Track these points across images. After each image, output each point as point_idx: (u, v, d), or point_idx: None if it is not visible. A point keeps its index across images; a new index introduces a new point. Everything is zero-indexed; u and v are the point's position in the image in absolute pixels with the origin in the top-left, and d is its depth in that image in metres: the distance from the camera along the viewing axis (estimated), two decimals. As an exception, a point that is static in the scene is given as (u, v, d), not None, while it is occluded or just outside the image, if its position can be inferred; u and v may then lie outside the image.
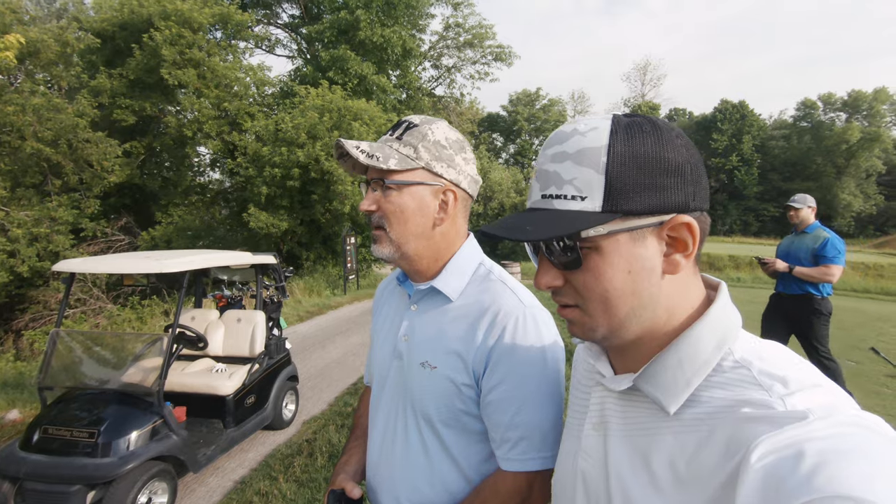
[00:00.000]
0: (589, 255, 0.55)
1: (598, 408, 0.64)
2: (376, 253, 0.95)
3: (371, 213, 0.94)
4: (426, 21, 21.70)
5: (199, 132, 14.85)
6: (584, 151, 0.53)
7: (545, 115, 42.20)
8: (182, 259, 3.20)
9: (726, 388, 0.51)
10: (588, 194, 0.53)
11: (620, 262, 0.54)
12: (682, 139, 0.54)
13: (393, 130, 0.96)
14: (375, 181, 0.93)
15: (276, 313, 4.56)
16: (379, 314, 1.14)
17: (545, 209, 0.56)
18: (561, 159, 0.55)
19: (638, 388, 0.57)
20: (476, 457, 0.95)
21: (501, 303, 0.91)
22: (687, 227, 0.53)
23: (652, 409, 0.56)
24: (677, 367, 0.53)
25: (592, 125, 0.55)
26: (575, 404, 0.72)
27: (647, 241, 0.54)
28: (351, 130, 13.64)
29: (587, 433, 0.64)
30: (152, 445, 2.84)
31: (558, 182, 0.55)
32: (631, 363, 0.60)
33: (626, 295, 0.54)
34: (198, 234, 15.49)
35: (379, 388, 1.05)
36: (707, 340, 0.54)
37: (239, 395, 3.64)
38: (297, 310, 9.79)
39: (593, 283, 0.55)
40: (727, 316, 0.56)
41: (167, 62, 13.57)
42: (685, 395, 0.53)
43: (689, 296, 0.57)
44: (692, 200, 0.53)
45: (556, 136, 0.57)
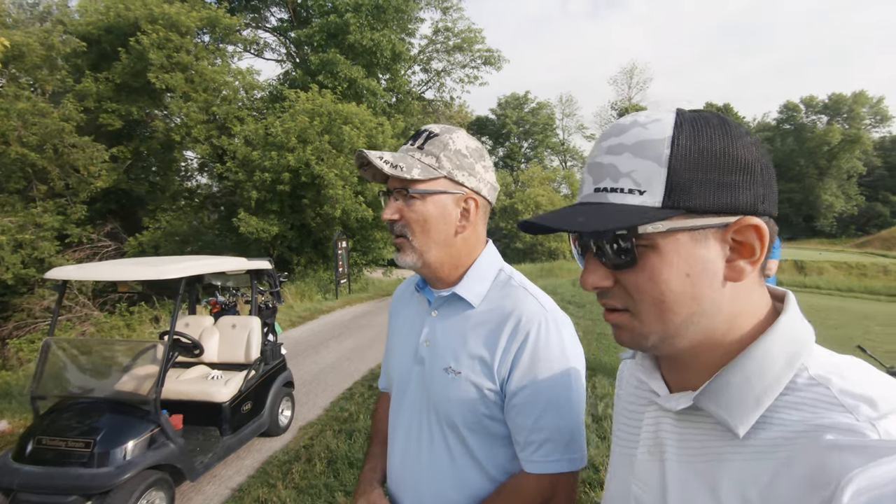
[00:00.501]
0: (644, 254, 0.50)
1: (653, 430, 0.58)
2: (399, 261, 0.96)
3: (393, 221, 0.95)
4: (415, 25, 21.77)
5: (188, 136, 14.71)
6: (644, 143, 0.49)
7: (534, 119, 42.45)
8: (179, 265, 3.18)
9: (802, 410, 0.46)
10: (647, 188, 0.49)
11: (679, 263, 0.49)
12: (751, 137, 0.50)
13: (413, 140, 0.97)
14: (398, 190, 0.94)
15: (271, 319, 4.53)
16: (397, 318, 1.15)
17: (598, 203, 0.52)
18: (618, 151, 0.51)
19: (699, 408, 0.52)
20: (501, 460, 0.96)
21: (524, 308, 0.93)
22: (755, 230, 0.48)
23: (716, 431, 0.51)
24: (744, 384, 0.48)
25: (654, 117, 0.51)
26: (623, 425, 0.67)
27: (710, 243, 0.49)
28: (341, 134, 13.62)
29: (641, 458, 0.59)
30: (149, 454, 2.81)
31: (614, 174, 0.51)
32: (687, 379, 0.55)
33: (685, 299, 0.49)
34: (186, 240, 15.32)
35: (400, 394, 1.06)
36: (777, 354, 0.49)
37: (235, 402, 3.61)
38: (289, 315, 9.72)
39: (648, 285, 0.50)
40: (798, 327, 0.51)
41: (154, 66, 13.44)
42: (755, 415, 0.47)
43: (753, 306, 0.52)
44: (761, 203, 0.49)
45: (613, 128, 0.53)
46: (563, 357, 0.91)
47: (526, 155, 43.22)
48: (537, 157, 42.88)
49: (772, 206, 0.50)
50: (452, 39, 23.24)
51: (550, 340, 0.90)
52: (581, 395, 0.92)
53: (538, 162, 40.75)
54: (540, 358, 0.89)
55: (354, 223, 14.24)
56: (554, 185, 32.43)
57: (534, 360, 0.89)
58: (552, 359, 0.90)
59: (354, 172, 13.62)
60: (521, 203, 27.58)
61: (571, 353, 0.92)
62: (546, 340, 0.90)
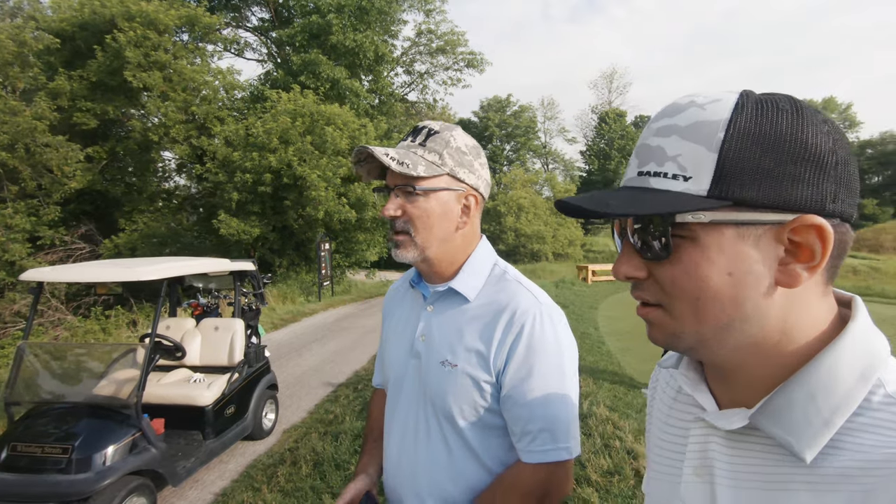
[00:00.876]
0: (682, 246, 0.45)
1: (700, 448, 0.53)
2: (399, 257, 0.97)
3: (395, 218, 0.95)
4: (398, 27, 21.74)
5: (166, 136, 14.42)
6: (698, 125, 0.44)
7: (516, 122, 42.77)
8: (161, 266, 3.13)
9: (881, 433, 0.40)
10: (694, 174, 0.44)
11: (721, 260, 0.44)
12: (829, 125, 0.43)
13: (413, 136, 0.98)
14: (400, 187, 0.95)
15: (254, 321, 4.48)
16: (392, 317, 1.16)
17: (638, 188, 0.47)
18: (668, 133, 0.46)
19: (756, 427, 0.46)
20: (497, 451, 0.98)
21: (519, 301, 0.95)
22: (817, 231, 0.41)
23: (776, 454, 0.45)
24: (809, 403, 0.43)
25: (715, 97, 0.45)
26: (663, 441, 0.61)
27: (761, 242, 0.43)
28: (324, 135, 13.54)
29: (688, 479, 0.53)
30: (130, 459, 2.75)
31: (660, 158, 0.46)
32: (738, 394, 0.50)
33: (724, 301, 0.45)
34: (164, 242, 15.01)
35: (396, 389, 1.07)
36: (848, 368, 0.43)
37: (218, 406, 3.56)
38: (271, 317, 9.61)
39: (684, 280, 0.45)
40: (871, 337, 0.45)
41: (131, 64, 13.14)
42: (825, 438, 0.42)
43: (815, 315, 0.46)
44: (831, 202, 0.42)
45: (667, 108, 0.48)
46: (558, 349, 0.93)
47: (508, 157, 43.51)
48: (519, 159, 43.22)
49: (846, 208, 0.44)
50: (435, 42, 23.27)
51: (545, 333, 0.93)
52: (574, 385, 0.95)
53: (520, 165, 41.06)
54: (535, 350, 0.91)
55: (337, 225, 14.15)
56: (536, 187, 32.72)
57: (529, 351, 0.91)
58: (547, 351, 0.92)
59: (337, 174, 13.55)
60: (503, 205, 27.74)
61: (566, 345, 0.95)
62: (541, 333, 0.92)
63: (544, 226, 27.32)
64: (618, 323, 8.52)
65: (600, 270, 16.12)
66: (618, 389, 4.75)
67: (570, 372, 0.94)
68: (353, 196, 14.04)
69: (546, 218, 27.95)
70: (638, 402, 4.47)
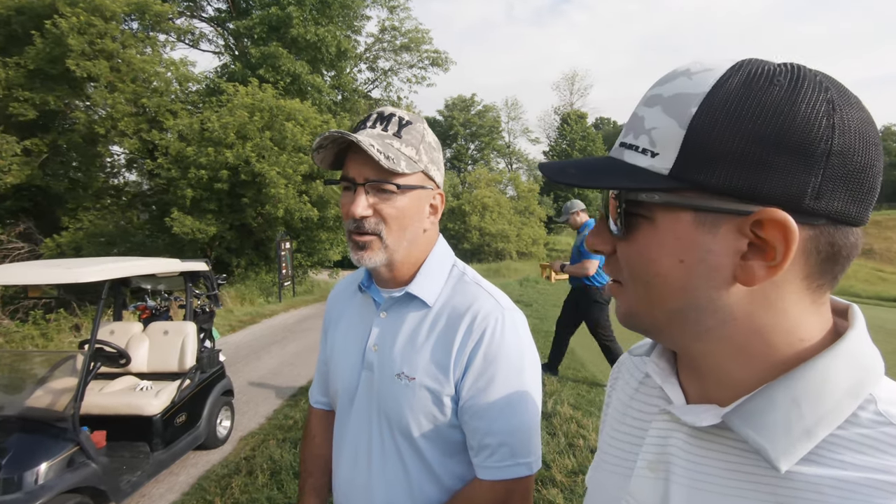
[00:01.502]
0: (640, 226, 0.43)
1: (660, 443, 0.49)
2: (365, 261, 0.87)
3: (364, 218, 0.85)
4: (362, 22, 21.44)
5: (113, 129, 13.66)
6: (678, 97, 0.40)
7: (480, 121, 43.00)
8: (101, 267, 2.91)
9: (865, 452, 0.37)
10: (661, 150, 0.41)
11: (673, 246, 0.41)
12: (837, 110, 0.37)
13: (382, 124, 0.87)
14: (373, 183, 0.84)
15: (207, 324, 4.27)
16: (338, 325, 1.05)
17: (614, 158, 0.45)
18: (653, 103, 0.43)
19: (727, 428, 0.43)
20: (458, 468, 0.91)
21: (479, 306, 0.89)
22: (779, 227, 0.37)
23: (743, 459, 0.42)
24: (791, 408, 0.39)
25: (709, 66, 0.41)
26: (618, 432, 0.58)
27: (720, 232, 0.39)
28: (284, 131, 13.17)
29: (640, 473, 0.50)
30: (67, 476, 2.54)
31: (637, 130, 0.43)
32: (708, 391, 0.47)
33: (674, 288, 0.42)
34: (112, 241, 14.23)
35: (346, 404, 0.98)
36: (839, 378, 0.39)
37: (168, 414, 3.35)
38: (228, 319, 9.26)
39: (635, 261, 0.44)
40: (867, 351, 0.41)
41: (74, 52, 12.36)
42: (804, 448, 0.38)
43: (796, 320, 0.41)
44: (812, 198, 0.37)
45: (665, 75, 0.45)
46: (520, 357, 0.88)
47: (473, 157, 43.71)
48: (484, 159, 43.49)
49: (839, 207, 0.37)
50: (399, 39, 23.06)
51: (506, 340, 0.87)
52: (537, 396, 0.89)
53: (485, 164, 41.34)
54: (495, 359, 0.85)
55: (299, 223, 13.80)
56: (500, 186, 33.01)
57: (488, 360, 0.85)
58: (509, 359, 0.86)
59: (298, 171, 13.21)
60: (468, 204, 27.83)
61: (527, 352, 0.89)
62: (501, 339, 0.86)
63: (508, 225, 27.59)
64: (580, 320, 8.67)
65: (563, 269, 16.41)
66: (581, 387, 4.80)
67: (531, 381, 0.88)
68: (314, 194, 13.71)
69: (510, 217, 28.25)
70: (601, 399, 4.53)
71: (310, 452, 1.12)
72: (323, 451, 1.09)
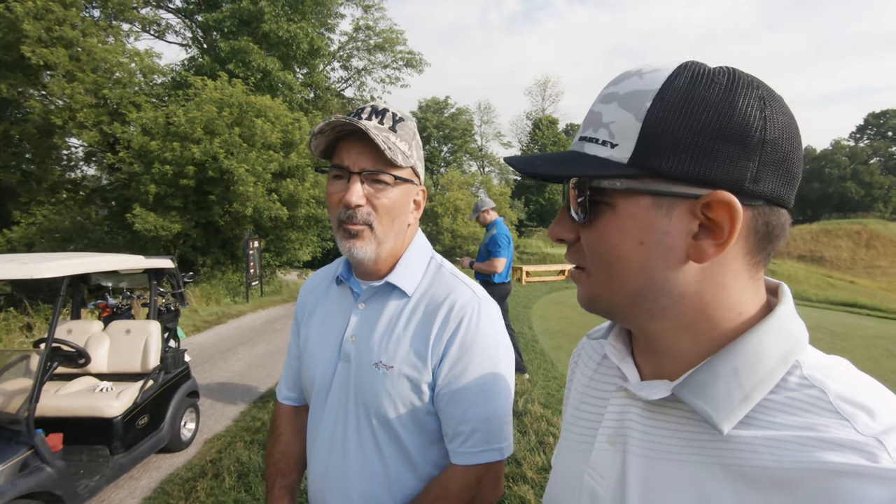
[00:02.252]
0: (602, 212, 0.47)
1: (618, 418, 0.53)
2: (356, 251, 0.88)
3: (358, 207, 0.86)
4: (335, 20, 21.17)
5: (72, 121, 13.04)
6: (633, 94, 0.45)
7: (453, 124, 43.17)
8: (59, 262, 2.78)
9: (793, 413, 0.41)
10: (620, 142, 0.45)
11: (633, 229, 0.45)
12: (768, 105, 0.42)
13: (377, 117, 0.88)
14: (369, 173, 0.86)
15: (172, 323, 4.13)
16: (312, 317, 1.05)
17: (573, 151, 0.49)
18: (608, 100, 0.47)
19: (677, 400, 0.47)
20: (434, 457, 0.93)
21: (456, 296, 0.91)
22: (726, 207, 0.42)
23: (691, 428, 0.46)
24: (732, 377, 0.44)
25: (656, 67, 0.46)
26: (580, 410, 0.61)
27: (675, 214, 0.44)
28: (253, 127, 12.88)
29: (600, 447, 0.54)
30: (19, 482, 2.41)
31: (596, 124, 0.47)
32: (661, 367, 0.51)
33: (634, 270, 0.46)
34: (68, 237, 13.57)
35: (321, 396, 0.98)
36: (771, 349, 0.44)
37: (129, 416, 3.23)
38: (193, 319, 8.98)
39: (598, 245, 0.48)
40: (794, 323, 0.46)
41: (30, 38, 11.76)
42: (742, 411, 0.43)
43: (737, 297, 0.46)
44: (751, 182, 0.42)
45: (617, 76, 0.49)
46: (494, 346, 0.91)
47: (445, 159, 43.81)
48: (456, 161, 43.65)
49: (773, 190, 0.43)
50: (374, 38, 22.92)
51: (481, 329, 0.89)
52: (510, 384, 0.92)
53: (457, 167, 41.47)
54: (471, 347, 0.88)
55: (268, 222, 13.52)
56: (472, 189, 33.16)
57: (464, 349, 0.88)
58: (484, 348, 0.89)
59: (268, 169, 12.95)
60: (440, 206, 27.84)
61: (501, 341, 0.92)
62: (476, 328, 0.89)
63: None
64: (550, 322, 8.80)
65: (534, 272, 16.61)
66: (551, 386, 4.88)
67: (505, 369, 0.91)
68: (284, 192, 13.47)
69: (482, 219, 28.43)
70: (569, 398, 4.61)
71: (279, 451, 1.08)
72: (292, 448, 1.07)
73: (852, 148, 48.12)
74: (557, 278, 16.40)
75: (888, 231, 35.85)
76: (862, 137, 49.30)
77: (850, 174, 45.68)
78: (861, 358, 6.84)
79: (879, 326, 9.99)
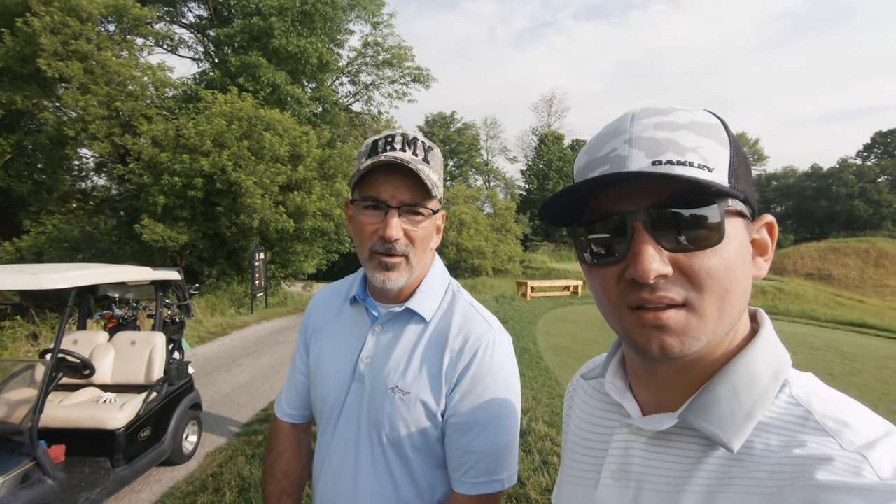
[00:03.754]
0: (714, 235, 0.45)
1: (622, 453, 0.54)
2: (390, 282, 0.88)
3: (397, 241, 0.86)
4: (345, 36, 21.50)
5: (84, 132, 13.24)
6: (700, 123, 0.46)
7: (460, 138, 43.47)
8: (68, 273, 2.80)
9: (785, 434, 0.43)
10: (715, 166, 0.45)
11: (741, 250, 0.45)
12: None
13: (411, 148, 0.86)
14: (409, 206, 0.85)
15: (177, 334, 4.14)
16: (324, 337, 1.03)
17: (661, 173, 0.43)
18: (672, 128, 0.46)
19: (683, 427, 0.48)
20: (438, 483, 0.93)
21: (472, 326, 0.92)
22: (769, 227, 0.48)
23: (698, 453, 0.47)
24: (732, 397, 0.45)
25: (686, 108, 0.48)
26: (581, 448, 0.62)
27: (748, 235, 0.48)
28: (262, 141, 13.02)
29: (605, 483, 0.54)
30: (21, 493, 2.41)
31: (678, 149, 0.44)
32: (664, 399, 0.52)
33: (741, 293, 0.45)
34: (77, 247, 13.68)
35: (332, 416, 0.97)
36: (764, 368, 0.46)
37: (131, 428, 3.22)
38: (198, 330, 8.99)
39: (720, 270, 0.44)
40: (777, 344, 0.49)
41: (46, 52, 12.02)
42: (748, 428, 0.44)
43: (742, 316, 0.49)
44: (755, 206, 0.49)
45: (647, 110, 0.47)
46: (505, 378, 0.91)
47: (451, 173, 44.03)
48: (462, 175, 43.87)
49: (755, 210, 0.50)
50: (382, 54, 23.22)
51: (494, 361, 0.90)
52: (516, 415, 0.92)
53: (463, 180, 41.68)
54: (482, 378, 0.88)
55: (274, 234, 13.59)
56: (478, 203, 33.26)
57: (475, 380, 0.88)
58: (495, 381, 0.89)
59: (276, 181, 13.06)
60: (446, 219, 27.93)
61: (512, 374, 0.93)
62: (490, 360, 0.89)
63: (485, 241, 27.75)
64: (555, 339, 8.74)
65: (539, 287, 16.54)
66: (556, 405, 4.82)
67: (514, 402, 0.92)
68: (291, 205, 13.55)
69: (487, 234, 28.44)
70: (574, 416, 4.55)
71: (280, 469, 1.05)
72: (294, 467, 1.06)
73: (860, 166, 47.96)
74: (562, 294, 16.30)
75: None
76: (869, 156, 49.16)
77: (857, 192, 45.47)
78: (871, 380, 6.73)
79: (890, 347, 9.84)
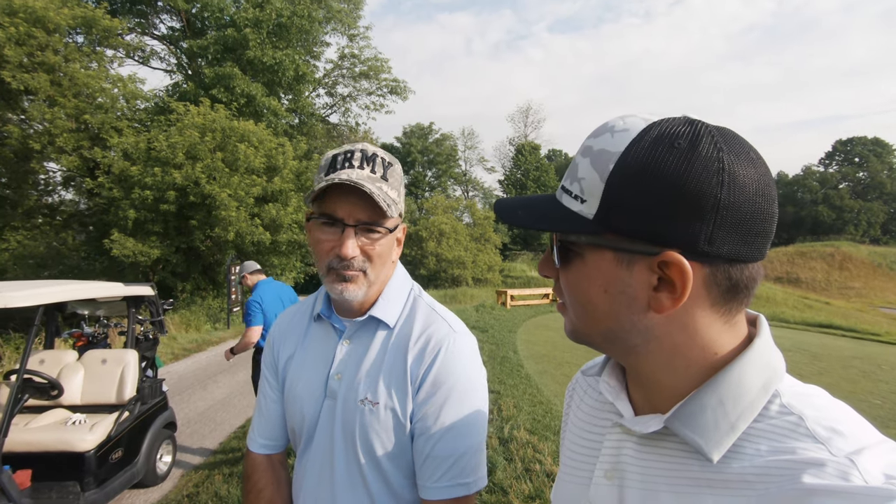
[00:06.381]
0: (573, 260, 0.52)
1: (614, 452, 0.56)
2: (349, 294, 0.88)
3: (353, 258, 0.87)
4: (321, 48, 21.53)
5: (51, 145, 12.88)
6: (602, 153, 0.48)
7: (438, 149, 43.68)
8: (34, 291, 2.71)
9: (775, 440, 0.44)
10: (588, 198, 0.49)
11: (598, 278, 0.50)
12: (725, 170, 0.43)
13: (368, 165, 0.88)
14: (364, 225, 0.86)
15: (150, 351, 4.03)
16: (292, 360, 1.01)
17: (555, 200, 0.54)
18: (585, 154, 0.51)
19: (670, 432, 0.50)
20: (414, 492, 0.92)
21: (433, 330, 0.92)
22: (677, 268, 0.45)
23: (683, 459, 0.49)
24: (718, 408, 0.46)
25: (626, 126, 0.48)
26: (577, 445, 0.64)
27: (635, 268, 0.47)
28: (236, 152, 12.88)
29: (598, 482, 0.56)
30: (-17, 522, 2.30)
31: (573, 176, 0.51)
32: (653, 402, 0.54)
33: (602, 313, 0.51)
34: (43, 263, 13.28)
35: (307, 436, 0.96)
36: (752, 379, 0.47)
37: (102, 450, 3.11)
38: (172, 347, 8.77)
39: (571, 289, 0.53)
40: (772, 353, 0.49)
41: (11, 63, 11.70)
42: (730, 440, 0.45)
43: (711, 338, 0.49)
44: (705, 243, 0.44)
45: (599, 127, 0.52)
46: (467, 382, 0.90)
47: (430, 183, 44.16)
48: (441, 185, 44.02)
49: (731, 249, 0.44)
50: (359, 66, 23.29)
51: (457, 363, 0.90)
52: (483, 417, 0.92)
53: (442, 191, 41.81)
54: (444, 381, 0.88)
55: (250, 247, 13.40)
56: (456, 213, 33.41)
57: (437, 383, 0.88)
58: (457, 384, 0.89)
59: (250, 193, 12.90)
60: (425, 230, 27.94)
61: (475, 375, 0.92)
62: (453, 364, 0.89)
63: (465, 251, 27.84)
64: (535, 347, 8.79)
65: (518, 295, 16.65)
66: (537, 412, 4.85)
67: (478, 405, 0.91)
68: (267, 217, 13.40)
69: (466, 244, 28.54)
70: (556, 424, 4.59)
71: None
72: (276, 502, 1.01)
73: (822, 173, 49.93)
74: (542, 302, 16.44)
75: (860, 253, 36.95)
76: (831, 163, 51.25)
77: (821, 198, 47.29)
78: (839, 379, 6.96)
79: (855, 347, 10.21)
